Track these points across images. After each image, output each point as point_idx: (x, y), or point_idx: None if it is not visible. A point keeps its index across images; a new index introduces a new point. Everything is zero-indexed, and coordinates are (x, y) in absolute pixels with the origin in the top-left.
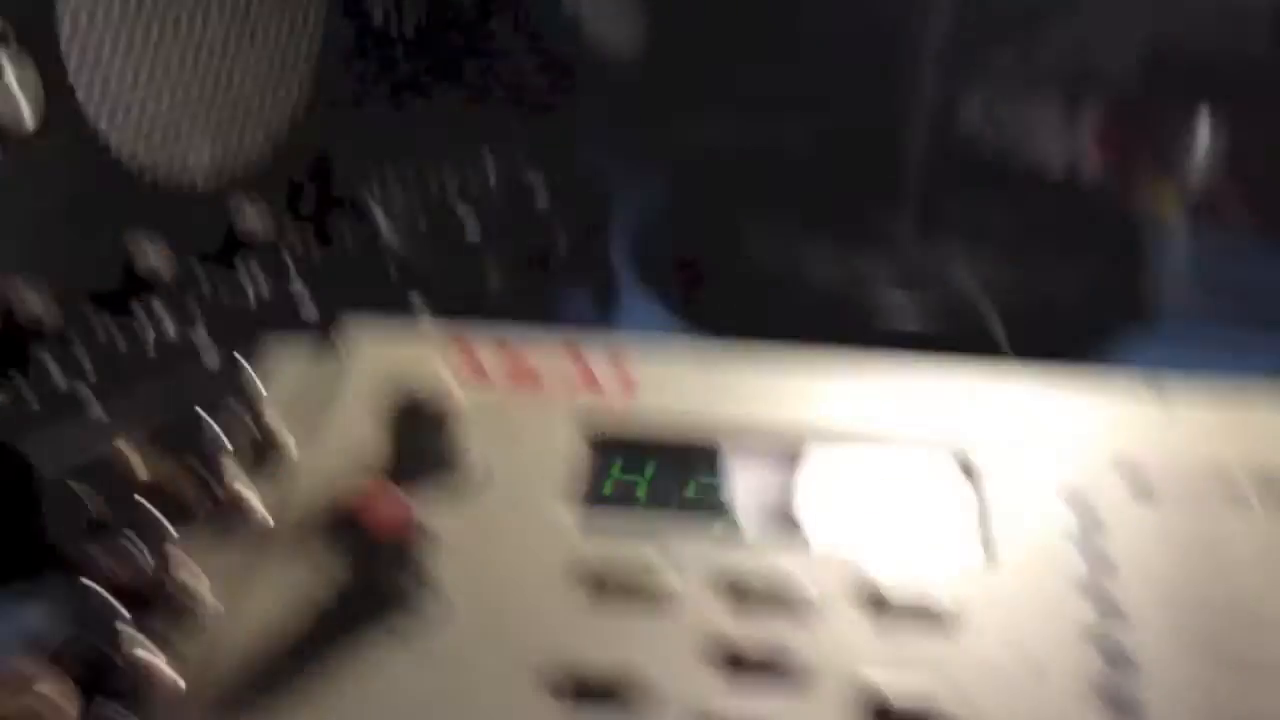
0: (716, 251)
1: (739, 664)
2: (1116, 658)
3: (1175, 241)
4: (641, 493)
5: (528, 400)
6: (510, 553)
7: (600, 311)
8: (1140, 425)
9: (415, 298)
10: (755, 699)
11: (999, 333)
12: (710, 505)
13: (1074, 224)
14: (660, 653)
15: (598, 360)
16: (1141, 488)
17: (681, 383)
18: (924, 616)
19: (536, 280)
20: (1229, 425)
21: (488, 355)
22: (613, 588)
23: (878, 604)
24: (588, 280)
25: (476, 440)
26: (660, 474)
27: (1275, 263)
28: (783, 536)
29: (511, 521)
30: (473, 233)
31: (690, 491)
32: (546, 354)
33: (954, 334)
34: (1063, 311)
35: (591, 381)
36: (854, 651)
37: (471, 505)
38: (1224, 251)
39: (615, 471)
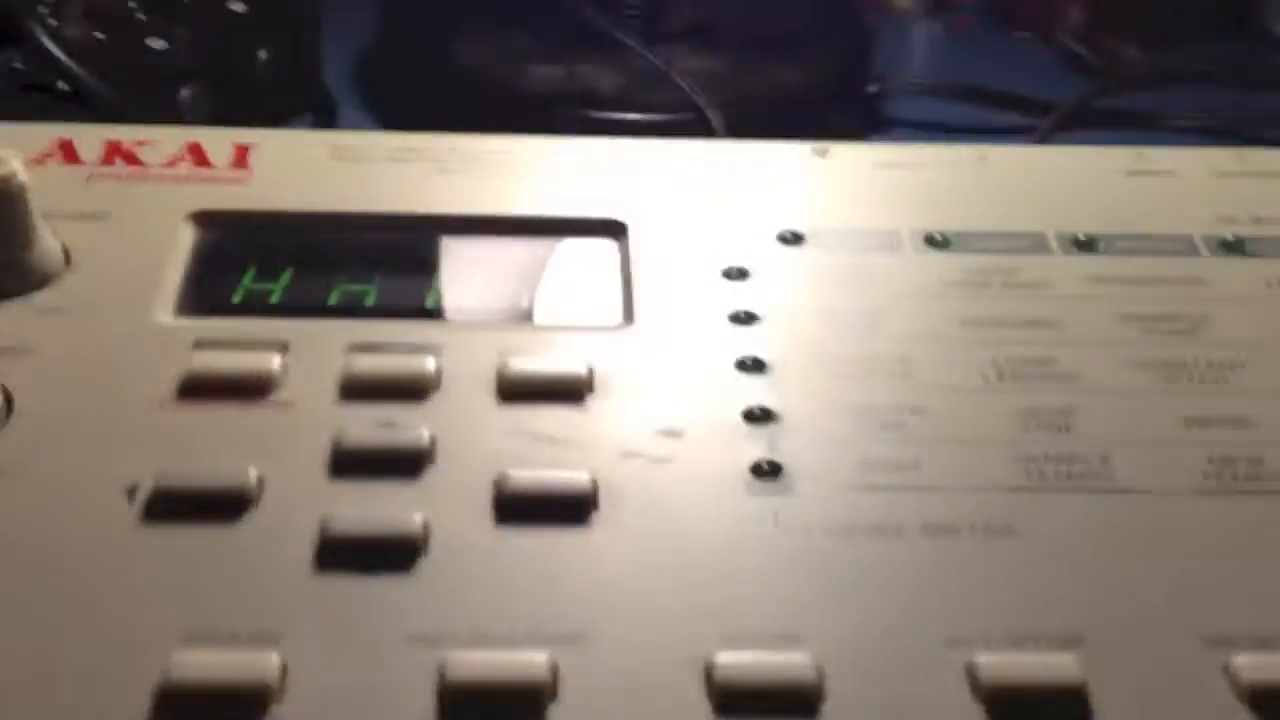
0: (435, 62)
1: (362, 466)
2: (758, 412)
3: (905, 30)
4: (276, 299)
5: (132, 191)
6: (107, 363)
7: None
8: (805, 189)
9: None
10: (380, 497)
11: (719, 124)
12: (353, 310)
13: (803, 13)
14: (277, 463)
15: (220, 152)
16: (795, 244)
17: (314, 177)
18: (558, 390)
19: (236, 99)
20: (894, 183)
21: (88, 145)
22: (222, 397)
23: (512, 383)
24: (299, 101)
25: (67, 236)
26: (297, 278)
27: (1002, 50)
28: (421, 329)
29: (110, 329)
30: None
31: (332, 297)
32: (161, 146)
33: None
34: (791, 104)
35: (212, 175)
36: (484, 436)
37: (62, 310)
38: (952, 40)
39: (248, 279)
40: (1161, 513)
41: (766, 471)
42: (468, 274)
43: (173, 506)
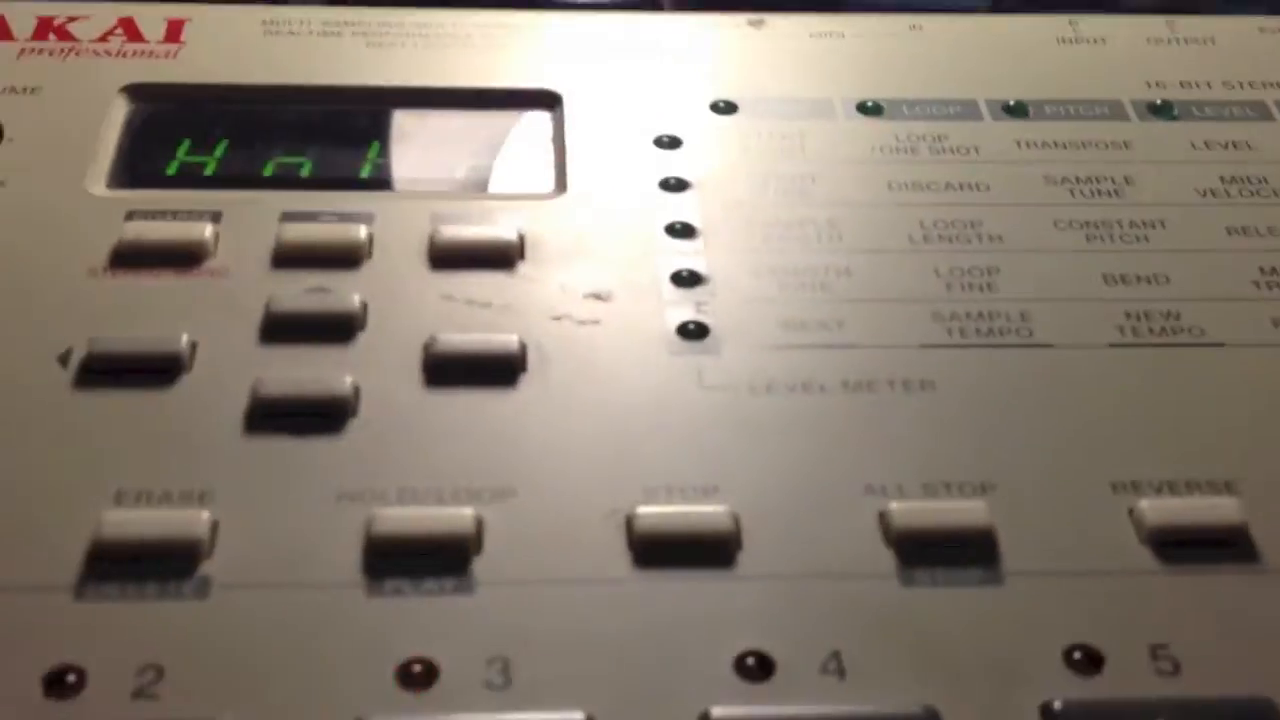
0: None
1: (294, 331)
2: (686, 275)
3: None
4: (210, 171)
5: (64, 66)
6: (40, 234)
7: None
8: (740, 59)
9: None
10: (307, 363)
11: None
12: (288, 181)
13: None
14: (208, 329)
15: (153, 26)
16: (728, 112)
17: (247, 50)
18: (489, 256)
19: None
20: (828, 53)
21: (19, 20)
22: (153, 266)
23: (443, 249)
24: None
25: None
26: (232, 151)
27: None
28: (355, 200)
29: (43, 201)
30: None
31: (267, 169)
32: (93, 21)
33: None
34: None
35: (145, 49)
36: (415, 301)
37: None
38: None
39: (182, 152)
40: (1076, 366)
41: (692, 332)
42: (402, 145)
43: (105, 372)
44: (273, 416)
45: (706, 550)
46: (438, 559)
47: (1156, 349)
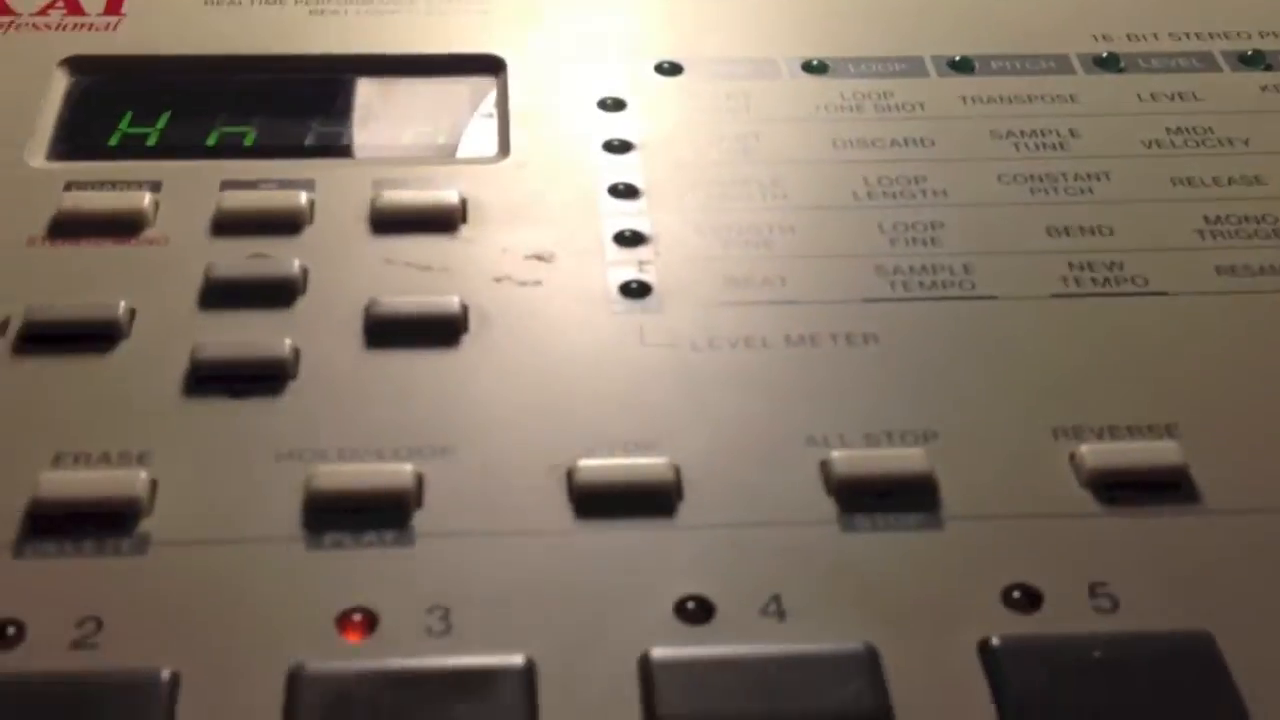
0: None
1: (233, 297)
2: (629, 235)
3: None
4: (153, 142)
5: (3, 39)
6: None
7: None
8: (685, 21)
9: None
10: (246, 328)
11: None
12: (231, 150)
13: None
14: (147, 296)
15: None
16: (673, 74)
17: (188, 21)
18: (430, 220)
19: None
20: (773, 12)
21: None
22: (93, 235)
23: (385, 214)
24: None
25: None
26: (175, 121)
27: None
28: (299, 168)
29: None
30: None
31: (210, 139)
32: None
33: None
34: None
35: (85, 21)
36: (356, 266)
37: None
38: None
39: (124, 124)
40: (1019, 316)
41: (634, 291)
42: (346, 113)
43: (43, 339)
44: (212, 379)
45: (647, 501)
46: (378, 513)
47: (1099, 298)
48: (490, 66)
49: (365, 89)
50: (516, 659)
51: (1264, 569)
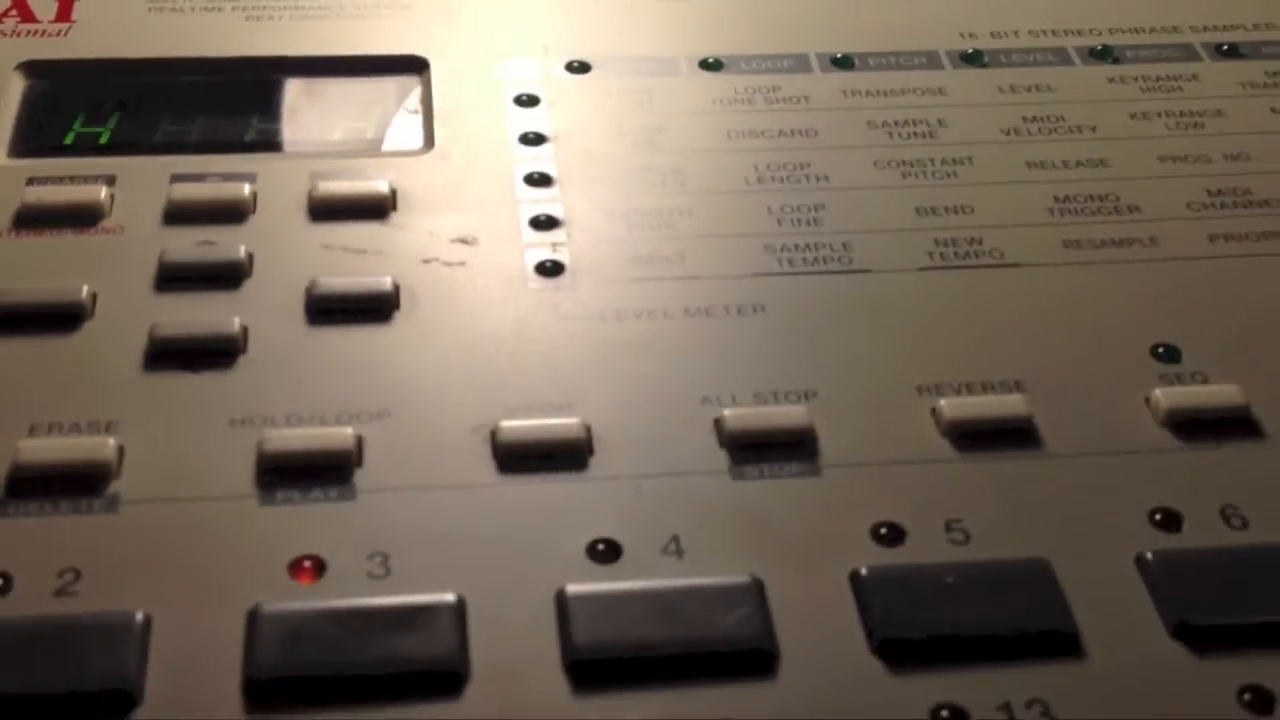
0: None
1: (185, 280)
2: (544, 220)
3: None
4: (105, 140)
5: None
6: None
7: None
8: (593, 23)
9: None
10: (198, 308)
11: None
12: (178, 145)
13: None
14: (107, 281)
15: (43, 6)
16: (582, 72)
17: (136, 25)
18: (363, 208)
19: None
20: (674, 15)
21: None
22: (54, 226)
23: (322, 203)
24: None
25: None
26: (124, 121)
27: None
28: (241, 162)
29: None
30: None
31: (157, 137)
32: None
33: None
34: None
35: (37, 28)
36: (296, 250)
37: None
38: None
39: (77, 124)
40: (890, 287)
41: (549, 269)
42: (282, 111)
43: (13, 321)
44: (169, 355)
45: (562, 457)
46: (323, 472)
47: (961, 270)
48: (414, 66)
49: (299, 88)
50: (448, 596)
51: (1094, 504)
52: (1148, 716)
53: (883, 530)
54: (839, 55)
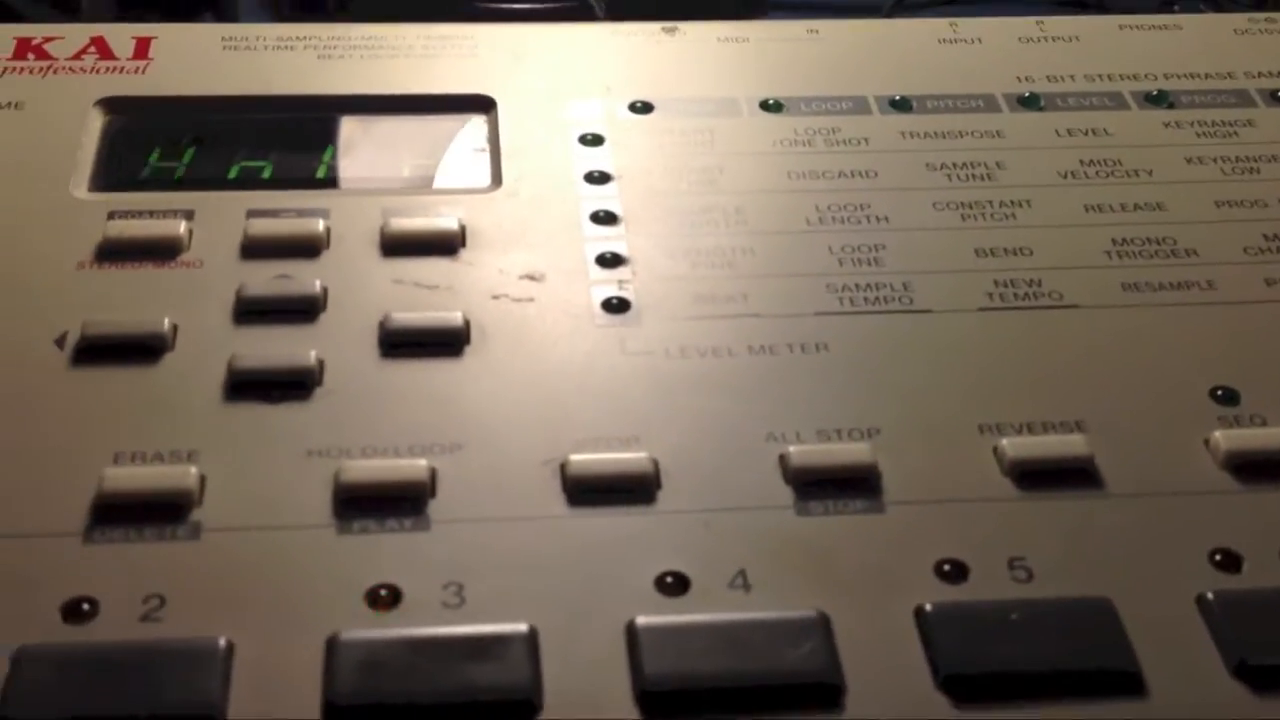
0: None
1: (263, 313)
2: (609, 257)
3: None
4: (180, 175)
5: (43, 82)
6: (34, 233)
7: None
8: (656, 64)
9: None
10: (276, 341)
11: (600, 9)
12: (251, 182)
13: None
14: (187, 313)
15: (122, 45)
16: (645, 112)
17: (211, 63)
18: (434, 244)
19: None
20: (735, 56)
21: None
22: (136, 260)
23: (393, 239)
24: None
25: None
26: (199, 156)
27: None
28: (313, 198)
29: (34, 204)
30: None
31: (232, 172)
32: (68, 41)
33: (558, 13)
34: None
35: (116, 65)
36: (370, 285)
37: None
38: None
39: (153, 158)
40: (951, 327)
41: (615, 306)
42: (354, 148)
43: (98, 352)
44: (248, 387)
45: (630, 490)
46: (398, 502)
47: (1020, 311)
48: (482, 105)
49: (369, 126)
50: (521, 626)
51: (1155, 544)
52: None
53: (946, 567)
54: (897, 97)
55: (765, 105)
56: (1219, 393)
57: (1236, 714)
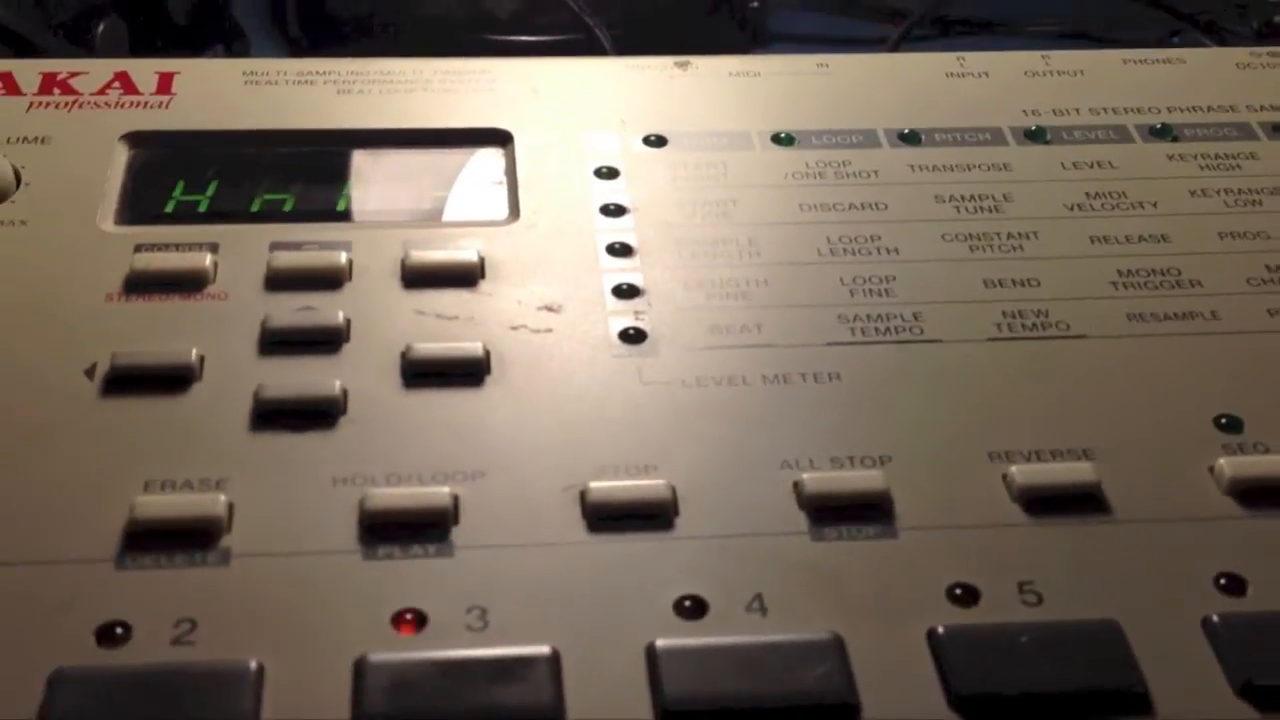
0: None
1: (288, 344)
2: (625, 288)
3: None
4: (204, 208)
5: (69, 117)
6: (61, 266)
7: None
8: (668, 98)
9: None
10: (300, 371)
11: (608, 43)
12: (273, 215)
13: None
14: (214, 344)
15: (145, 80)
16: (659, 145)
17: (233, 97)
18: (454, 276)
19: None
20: (746, 90)
21: (26, 77)
22: (163, 292)
23: (414, 271)
24: (210, 34)
25: (15, 157)
26: (222, 189)
27: None
28: (335, 230)
29: (61, 237)
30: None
31: (254, 205)
32: (92, 76)
33: (567, 47)
34: (675, 21)
35: (139, 100)
36: (391, 316)
37: (17, 222)
38: None
39: (178, 192)
40: (960, 357)
41: (632, 337)
42: (373, 181)
43: (127, 382)
44: (274, 416)
45: (649, 516)
46: (422, 529)
47: (1028, 341)
48: (499, 139)
49: (389, 159)
50: (544, 649)
51: (1161, 568)
52: None
53: (958, 591)
54: (906, 131)
55: (777, 139)
56: (1223, 421)
57: None
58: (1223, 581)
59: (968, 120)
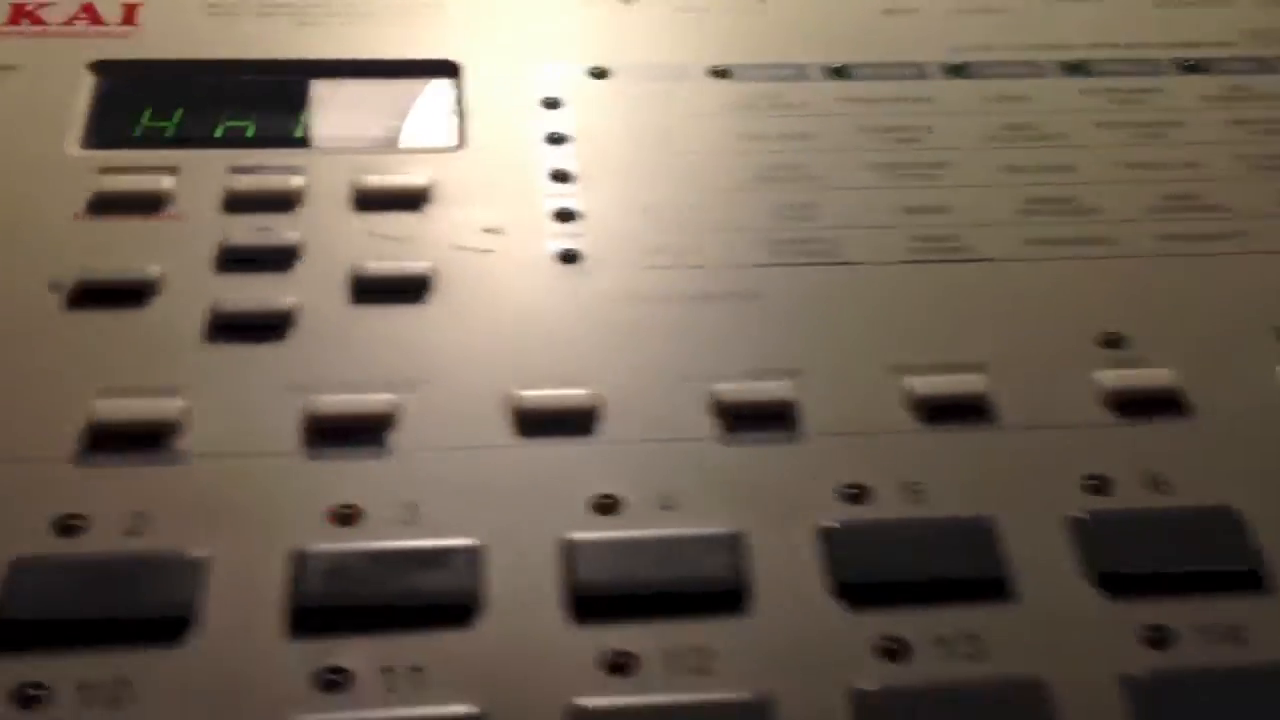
0: None
1: (243, 262)
2: (565, 212)
3: None
4: (170, 134)
5: (37, 46)
6: (30, 187)
7: None
8: (613, 32)
9: None
10: (255, 287)
11: None
12: (236, 141)
13: None
14: (173, 261)
15: (111, 11)
16: (602, 77)
17: (195, 30)
18: (402, 199)
19: None
20: (689, 25)
21: None
22: (125, 212)
23: (365, 194)
24: None
25: None
26: (188, 116)
27: None
28: (292, 156)
29: (30, 160)
30: None
31: (218, 131)
32: (59, 7)
33: None
34: None
35: (106, 30)
36: (342, 237)
37: None
38: None
39: (145, 118)
40: (875, 279)
41: (569, 258)
42: (329, 109)
43: (89, 297)
44: (229, 328)
45: (573, 422)
46: (363, 432)
47: (939, 264)
48: (449, 70)
49: (344, 88)
50: (469, 540)
51: (1037, 470)
52: (1066, 651)
53: (851, 491)
54: (836, 66)
55: (715, 71)
56: (1108, 338)
57: (1092, 615)
58: (1092, 483)
59: (895, 55)
